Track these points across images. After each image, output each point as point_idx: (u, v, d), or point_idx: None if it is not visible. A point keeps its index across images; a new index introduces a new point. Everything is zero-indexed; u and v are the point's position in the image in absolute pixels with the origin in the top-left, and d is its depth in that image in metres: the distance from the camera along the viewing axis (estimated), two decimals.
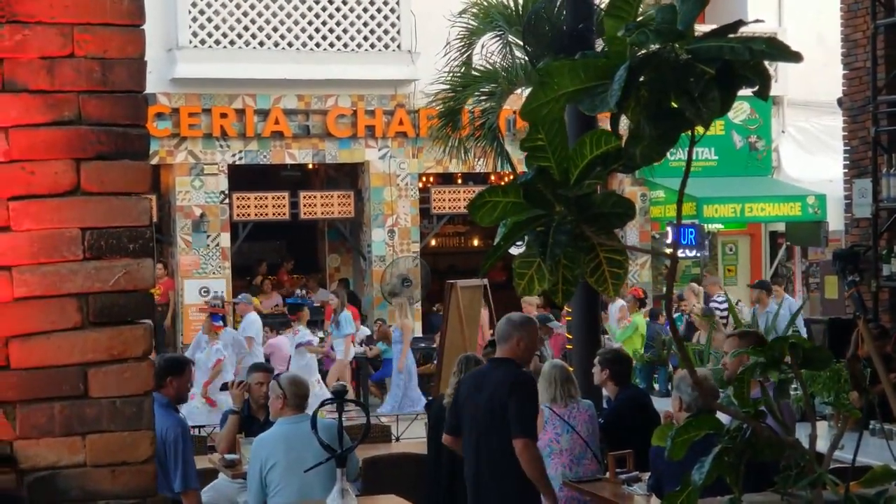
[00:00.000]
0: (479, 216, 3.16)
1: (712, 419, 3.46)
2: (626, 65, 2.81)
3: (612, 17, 2.97)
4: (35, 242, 3.14)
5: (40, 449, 3.16)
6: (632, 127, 2.95)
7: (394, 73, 22.71)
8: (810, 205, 23.28)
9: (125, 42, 3.22)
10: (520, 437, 7.28)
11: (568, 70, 2.93)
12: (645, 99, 2.86)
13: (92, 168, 3.19)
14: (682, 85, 2.83)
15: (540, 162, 3.07)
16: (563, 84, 2.93)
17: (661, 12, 2.92)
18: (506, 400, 7.30)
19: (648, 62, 2.82)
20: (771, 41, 2.83)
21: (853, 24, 14.33)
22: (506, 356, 7.56)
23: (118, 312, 3.22)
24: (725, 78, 2.84)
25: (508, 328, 7.60)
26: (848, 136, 14.48)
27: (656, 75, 2.83)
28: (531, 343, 7.66)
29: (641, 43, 2.83)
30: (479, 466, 7.54)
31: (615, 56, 2.88)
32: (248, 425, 9.75)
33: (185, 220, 22.17)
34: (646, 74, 2.83)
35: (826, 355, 3.60)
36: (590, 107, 2.90)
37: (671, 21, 2.88)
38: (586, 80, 2.92)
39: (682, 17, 2.88)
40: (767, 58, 2.82)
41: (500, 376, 7.45)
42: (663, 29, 2.84)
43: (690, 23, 2.86)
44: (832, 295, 14.50)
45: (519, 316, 7.94)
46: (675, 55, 2.82)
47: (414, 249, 23.47)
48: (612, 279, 3.28)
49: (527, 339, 7.56)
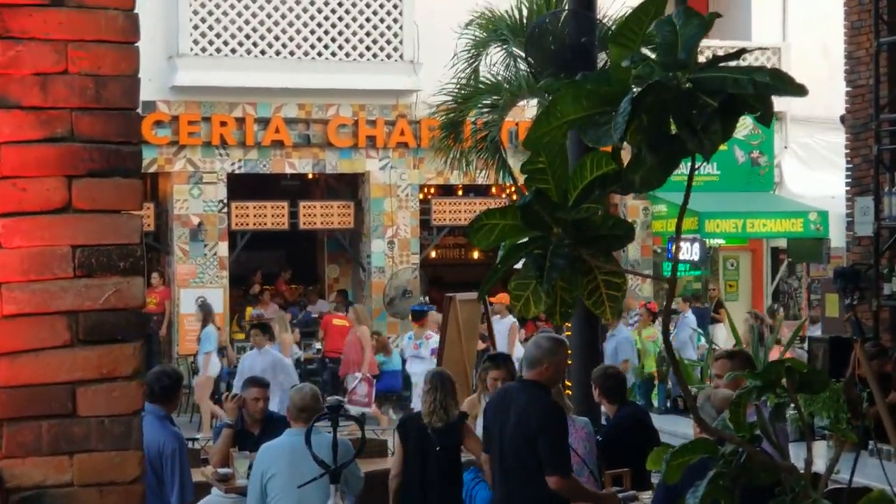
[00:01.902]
0: (478, 239, 3.15)
1: (708, 442, 3.45)
2: (629, 97, 2.79)
3: (618, 44, 2.96)
4: (25, 259, 3.12)
5: (27, 468, 3.13)
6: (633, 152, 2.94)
7: (395, 83, 22.72)
8: (812, 221, 23.26)
9: (119, 59, 3.20)
10: (553, 474, 7.23)
11: (571, 97, 2.92)
12: (645, 124, 2.85)
13: (83, 185, 3.17)
14: (684, 115, 2.83)
15: (540, 184, 3.07)
16: (567, 112, 2.93)
17: (660, 30, 2.90)
18: (535, 433, 7.26)
19: (651, 90, 2.80)
20: (775, 73, 2.81)
21: (856, 41, 14.32)
22: (534, 379, 7.50)
23: (108, 331, 3.19)
24: (727, 109, 2.82)
25: (538, 354, 7.53)
26: (850, 153, 14.47)
27: (658, 102, 2.82)
28: (559, 368, 7.68)
29: (646, 75, 2.82)
30: (510, 494, 7.52)
31: (618, 83, 2.87)
32: (241, 439, 9.72)
33: (183, 229, 22.15)
34: (648, 101, 2.81)
35: (823, 378, 3.59)
36: (594, 139, 2.90)
37: (672, 44, 2.86)
38: (589, 108, 2.91)
39: (683, 43, 2.87)
40: (772, 91, 2.81)
41: (527, 403, 7.39)
42: (666, 61, 2.83)
43: (692, 49, 2.85)
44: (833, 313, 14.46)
45: (547, 340, 7.81)
46: (677, 84, 2.80)
47: (413, 261, 23.45)
48: (609, 302, 3.28)
49: (555, 364, 7.52)
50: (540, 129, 2.97)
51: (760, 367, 9.13)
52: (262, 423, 9.77)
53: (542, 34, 13.26)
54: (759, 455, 3.37)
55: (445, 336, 14.91)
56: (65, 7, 3.16)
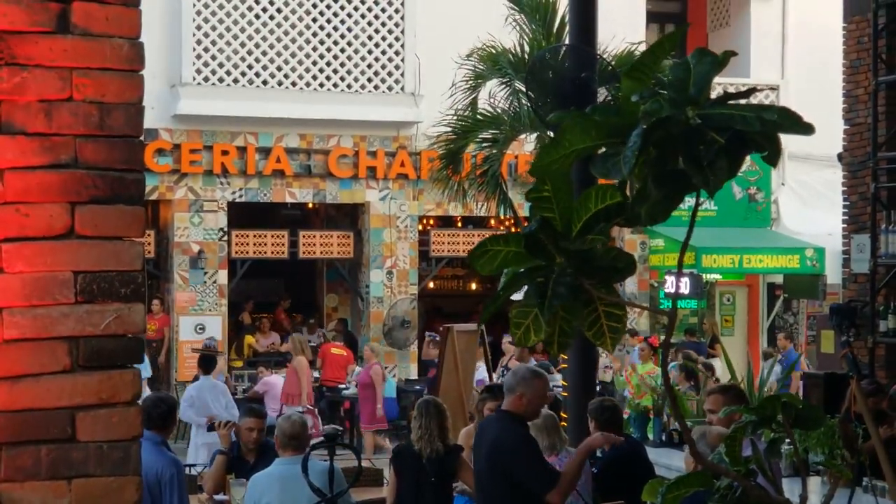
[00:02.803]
0: (480, 265, 3.16)
1: (703, 476, 3.46)
2: (639, 131, 2.81)
3: (631, 78, 2.98)
4: (27, 285, 3.13)
5: (25, 492, 3.14)
6: (639, 186, 2.96)
7: (396, 114, 22.78)
8: (809, 258, 23.30)
9: (124, 87, 3.23)
10: (546, 493, 7.25)
11: (580, 128, 2.94)
12: (653, 158, 2.87)
13: (86, 212, 3.19)
14: (691, 150, 2.84)
15: (544, 213, 3.08)
16: (574, 142, 2.94)
17: (675, 70, 2.93)
18: (509, 464, 7.28)
19: (660, 124, 2.83)
20: (783, 111, 2.83)
21: (855, 80, 14.38)
22: (508, 409, 7.54)
23: (108, 356, 3.21)
24: (734, 146, 2.85)
25: (513, 382, 7.57)
26: (847, 191, 14.51)
27: (666, 136, 2.84)
28: (535, 398, 7.56)
29: (655, 111, 2.84)
30: None
31: (627, 115, 2.89)
32: (237, 467, 9.71)
33: (183, 257, 22.16)
34: (656, 135, 2.84)
35: (818, 415, 3.60)
36: (602, 171, 2.91)
37: (685, 81, 2.89)
38: (597, 139, 2.93)
39: (695, 79, 2.89)
40: (779, 129, 2.83)
41: (495, 433, 7.45)
42: (677, 98, 2.85)
43: (704, 87, 2.87)
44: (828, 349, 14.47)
45: (525, 370, 7.86)
46: (686, 119, 2.82)
47: (412, 291, 23.46)
48: (610, 333, 3.28)
49: (530, 393, 7.49)
50: (548, 157, 2.99)
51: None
52: (258, 451, 9.76)
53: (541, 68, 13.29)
54: (754, 489, 3.38)
55: (443, 366, 14.90)
56: (70, 35, 3.18)
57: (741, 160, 2.88)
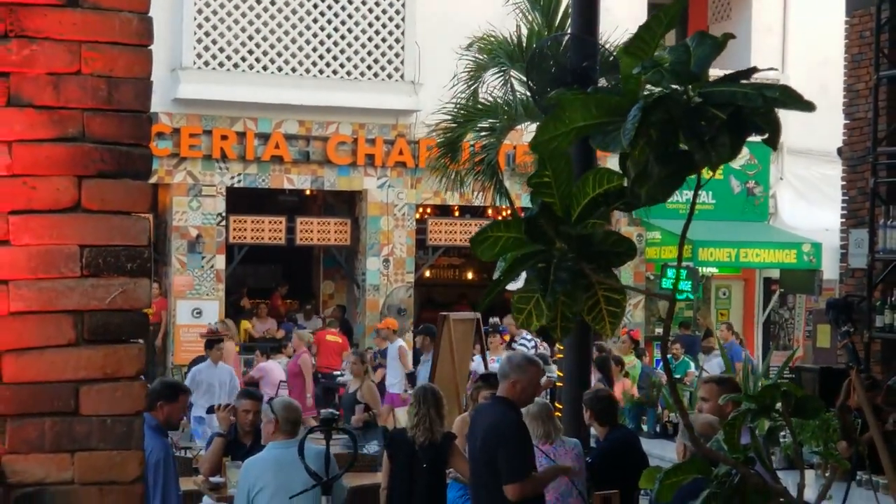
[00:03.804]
0: (481, 251, 3.16)
1: (701, 463, 3.46)
2: (640, 105, 2.81)
3: (629, 54, 2.98)
4: (33, 257, 3.13)
5: (29, 464, 3.15)
6: (638, 167, 2.95)
7: (396, 102, 22.78)
8: (805, 253, 23.32)
9: (132, 62, 3.23)
10: (509, 483, 7.31)
11: (580, 104, 2.93)
12: (654, 138, 2.86)
13: (93, 186, 3.19)
14: (692, 128, 2.84)
15: (545, 197, 3.07)
16: (575, 118, 2.93)
17: (674, 52, 2.93)
18: (495, 452, 7.33)
19: (661, 103, 2.82)
20: (785, 89, 2.83)
21: (856, 74, 14.36)
22: (502, 395, 7.57)
23: (113, 331, 3.21)
24: (736, 124, 2.84)
25: (507, 368, 7.61)
26: (846, 185, 14.50)
27: (667, 116, 2.83)
28: (528, 385, 7.59)
29: (656, 82, 2.83)
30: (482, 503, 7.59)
31: (628, 94, 2.89)
32: (234, 449, 9.72)
33: (181, 241, 22.17)
34: (657, 115, 2.83)
35: (817, 404, 3.60)
36: (602, 144, 2.90)
37: (685, 62, 2.89)
38: (598, 116, 2.92)
39: (696, 61, 2.89)
40: (780, 105, 2.83)
41: (489, 419, 7.51)
42: (678, 70, 2.85)
43: (705, 67, 2.87)
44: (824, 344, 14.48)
45: (520, 356, 7.91)
46: (687, 97, 2.82)
47: (408, 280, 23.47)
48: (609, 318, 3.28)
49: (524, 380, 7.52)
50: (547, 133, 2.97)
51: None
52: (254, 434, 9.76)
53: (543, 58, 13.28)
54: (752, 477, 3.38)
55: (438, 355, 14.91)
56: (80, 8, 3.17)
57: (743, 138, 2.87)
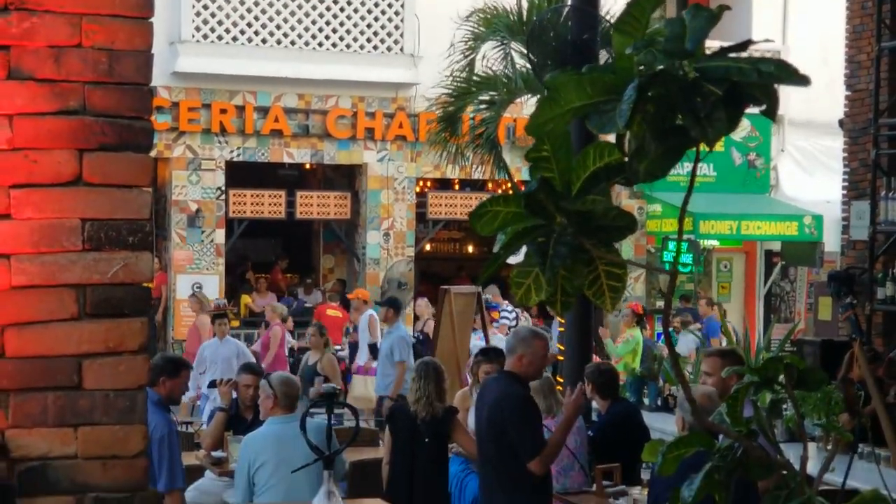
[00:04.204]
0: (480, 226, 3.14)
1: (704, 436, 3.45)
2: (635, 84, 2.80)
3: (621, 32, 2.96)
4: (35, 231, 3.13)
5: (32, 439, 3.15)
6: (636, 142, 2.94)
7: (395, 75, 22.73)
8: (807, 225, 23.30)
9: (133, 34, 3.21)
10: (531, 460, 7.28)
11: (574, 85, 2.91)
12: (650, 115, 2.85)
13: (95, 159, 3.18)
14: (688, 104, 2.82)
15: (544, 172, 3.06)
16: (570, 99, 2.91)
17: (670, 25, 2.91)
18: (505, 425, 7.30)
19: (656, 80, 2.81)
20: (780, 63, 2.81)
21: (857, 45, 14.34)
22: (509, 370, 7.54)
23: (115, 305, 3.21)
24: (732, 98, 2.83)
25: (513, 342, 7.57)
26: (848, 157, 14.49)
27: (663, 92, 2.82)
28: (535, 358, 7.52)
29: (649, 63, 2.82)
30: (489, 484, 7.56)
31: (622, 72, 2.87)
32: (235, 424, 9.73)
33: (181, 215, 22.15)
34: (653, 91, 2.81)
35: (820, 376, 3.59)
36: (598, 125, 2.89)
37: (680, 36, 2.87)
38: (593, 96, 2.91)
39: (691, 34, 2.87)
40: (776, 80, 2.81)
41: (496, 393, 7.45)
42: (671, 48, 2.83)
43: (700, 40, 2.85)
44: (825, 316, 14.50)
45: (526, 330, 7.86)
46: (682, 73, 2.80)
47: (409, 253, 23.47)
48: (610, 293, 3.26)
49: (530, 354, 7.46)
50: (543, 115, 2.96)
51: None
52: (255, 409, 9.77)
53: (543, 30, 13.26)
54: (755, 450, 3.37)
55: (439, 329, 14.92)
56: None
57: (740, 113, 2.85)
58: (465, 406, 9.79)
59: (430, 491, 8.83)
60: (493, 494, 7.51)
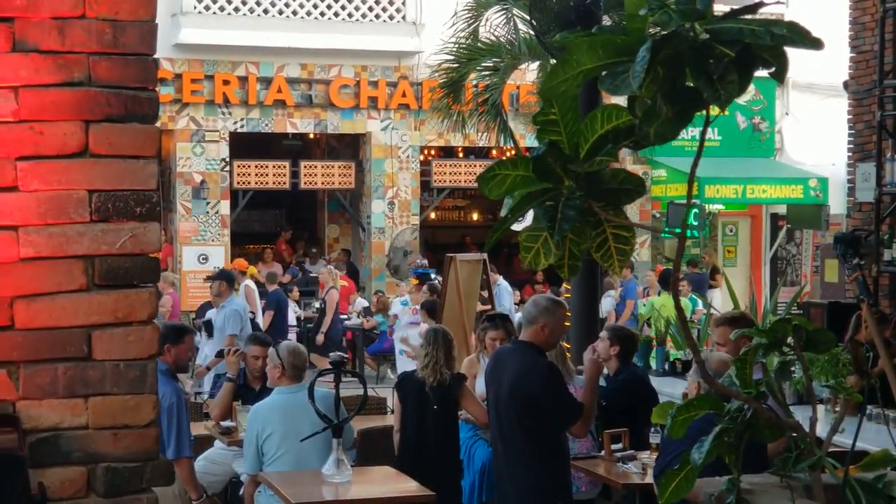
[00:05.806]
0: (489, 189, 3.14)
1: (713, 399, 3.45)
2: (648, 45, 2.79)
3: None
4: (42, 203, 3.13)
5: (43, 410, 3.16)
6: (646, 105, 2.93)
7: (398, 44, 22.68)
8: (812, 188, 23.27)
9: (137, 5, 3.21)
10: (572, 425, 7.32)
11: (587, 46, 2.90)
12: (661, 76, 2.84)
13: (101, 130, 3.18)
14: (700, 65, 2.81)
15: (551, 136, 3.05)
16: (582, 61, 2.90)
17: None
18: (535, 396, 7.20)
19: (668, 41, 2.80)
20: (792, 26, 2.81)
21: (862, 6, 14.26)
22: (529, 340, 7.39)
23: (124, 276, 3.21)
24: (744, 60, 2.82)
25: (534, 312, 7.39)
26: (853, 119, 14.43)
27: (674, 54, 2.81)
28: (556, 328, 7.42)
29: (664, 23, 2.81)
30: (503, 449, 7.51)
31: (634, 33, 2.86)
32: (243, 394, 9.75)
33: (186, 187, 22.16)
34: (664, 52, 2.81)
35: (829, 337, 3.59)
36: (611, 87, 2.87)
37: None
38: (605, 58, 2.89)
39: None
40: (788, 43, 2.80)
41: (520, 364, 7.30)
42: (685, 9, 2.82)
43: (710, 2, 2.84)
44: (832, 278, 14.47)
45: (546, 299, 7.63)
46: (694, 35, 2.80)
47: (413, 222, 23.47)
48: (617, 255, 3.26)
49: (552, 323, 7.34)
50: (556, 78, 2.95)
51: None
52: (262, 379, 9.79)
53: None
54: (765, 412, 3.37)
55: (445, 296, 14.92)
56: None
57: (751, 74, 2.85)
58: (473, 372, 9.78)
59: (441, 457, 8.84)
60: (510, 464, 7.45)
